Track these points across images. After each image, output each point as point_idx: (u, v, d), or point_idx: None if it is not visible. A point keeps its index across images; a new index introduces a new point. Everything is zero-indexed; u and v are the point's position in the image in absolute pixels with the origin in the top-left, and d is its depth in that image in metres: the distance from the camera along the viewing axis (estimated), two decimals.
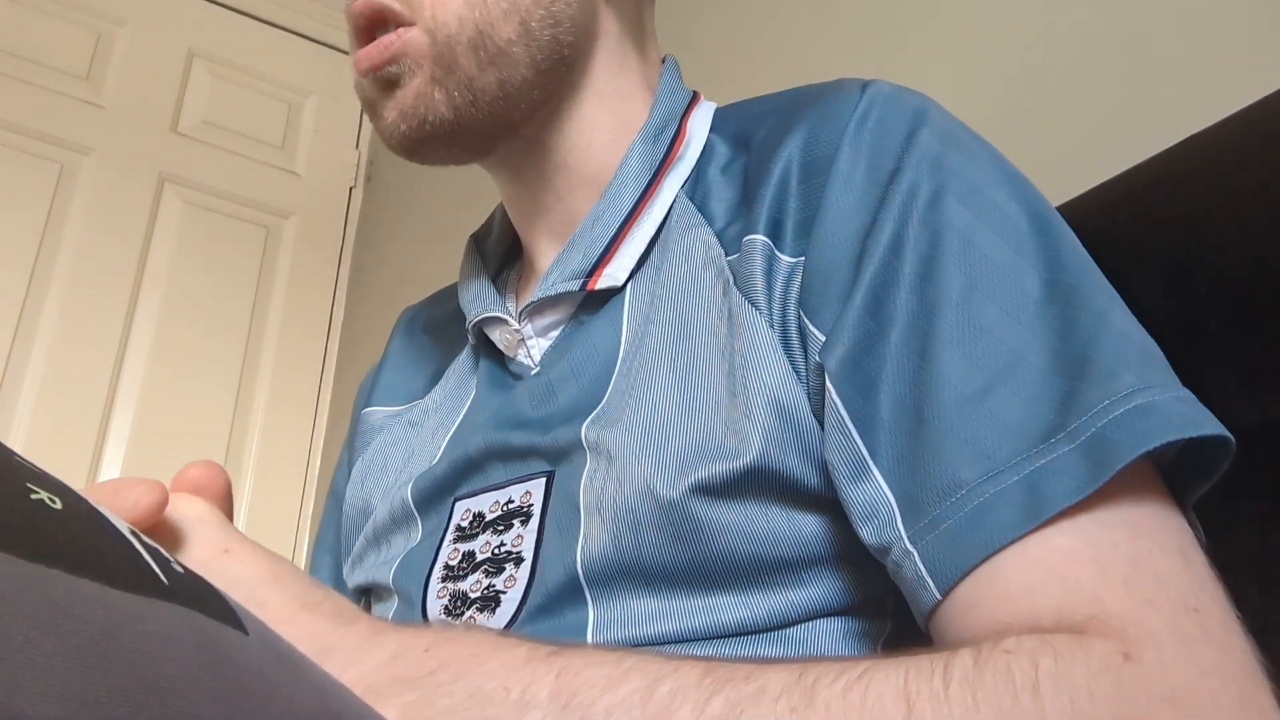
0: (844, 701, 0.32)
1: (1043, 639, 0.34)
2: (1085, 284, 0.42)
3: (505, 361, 0.60)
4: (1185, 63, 0.74)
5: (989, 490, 0.37)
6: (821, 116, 0.51)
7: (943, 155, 0.47)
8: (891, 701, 0.32)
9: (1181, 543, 0.37)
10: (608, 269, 0.55)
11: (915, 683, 0.33)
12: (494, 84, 0.54)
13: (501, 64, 0.54)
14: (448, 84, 0.53)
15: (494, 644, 0.37)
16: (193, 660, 0.21)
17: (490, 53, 0.53)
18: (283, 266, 2.06)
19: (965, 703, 0.32)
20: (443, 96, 0.54)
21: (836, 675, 0.34)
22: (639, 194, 0.56)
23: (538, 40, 0.55)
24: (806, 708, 0.33)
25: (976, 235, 0.44)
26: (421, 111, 0.54)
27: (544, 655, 0.36)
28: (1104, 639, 0.33)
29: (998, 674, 0.32)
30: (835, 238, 0.46)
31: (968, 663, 0.33)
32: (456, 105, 0.54)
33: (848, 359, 0.43)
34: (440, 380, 0.67)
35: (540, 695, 0.34)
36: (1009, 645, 0.33)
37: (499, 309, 0.59)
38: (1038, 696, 0.31)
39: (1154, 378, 0.38)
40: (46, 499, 0.21)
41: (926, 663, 0.34)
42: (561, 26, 0.56)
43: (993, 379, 0.40)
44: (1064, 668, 0.32)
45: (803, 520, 0.45)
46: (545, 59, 0.55)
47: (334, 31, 2.25)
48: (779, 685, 0.33)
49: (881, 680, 0.33)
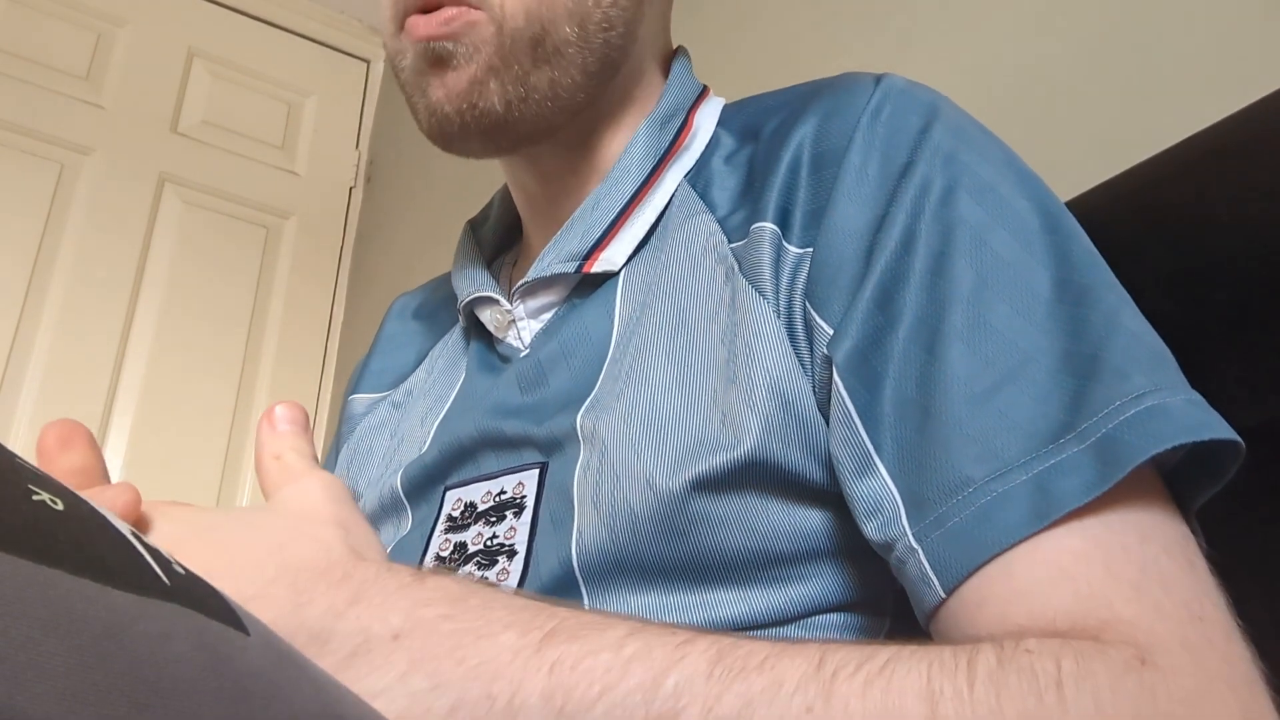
0: (864, 701, 0.31)
1: (1064, 641, 0.33)
2: (1096, 283, 0.42)
3: (494, 344, 0.60)
4: (1185, 63, 0.74)
5: (997, 489, 0.37)
6: (833, 108, 0.50)
7: (956, 151, 0.47)
8: (914, 700, 0.31)
9: (1186, 549, 0.37)
10: (605, 253, 0.55)
11: (939, 680, 0.32)
12: (546, 83, 0.53)
13: (556, 64, 0.53)
14: (504, 76, 0.52)
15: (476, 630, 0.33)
16: (194, 660, 0.21)
17: (548, 51, 0.53)
18: (283, 266, 2.05)
19: (989, 704, 0.31)
20: (496, 88, 0.52)
21: (856, 667, 0.32)
22: (641, 180, 0.56)
23: (591, 44, 0.54)
24: (825, 706, 0.31)
25: (988, 232, 0.43)
26: (473, 99, 0.52)
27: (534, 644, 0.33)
28: (1120, 645, 0.33)
29: (1022, 674, 0.32)
30: (845, 230, 0.46)
31: (991, 661, 0.32)
32: (509, 100, 0.52)
33: (855, 353, 0.43)
34: (426, 360, 0.66)
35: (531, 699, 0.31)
36: (1031, 645, 0.33)
37: (491, 289, 0.59)
38: (1062, 697, 0.31)
39: (1165, 379, 0.38)
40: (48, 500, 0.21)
41: (950, 658, 0.33)
42: (614, 31, 0.55)
43: (1002, 377, 0.39)
44: (1086, 669, 0.32)
45: (803, 514, 0.45)
46: (595, 62, 0.55)
47: (334, 31, 2.25)
48: (795, 678, 0.32)
49: (904, 675, 0.32)
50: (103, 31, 1.98)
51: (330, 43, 2.25)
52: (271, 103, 2.14)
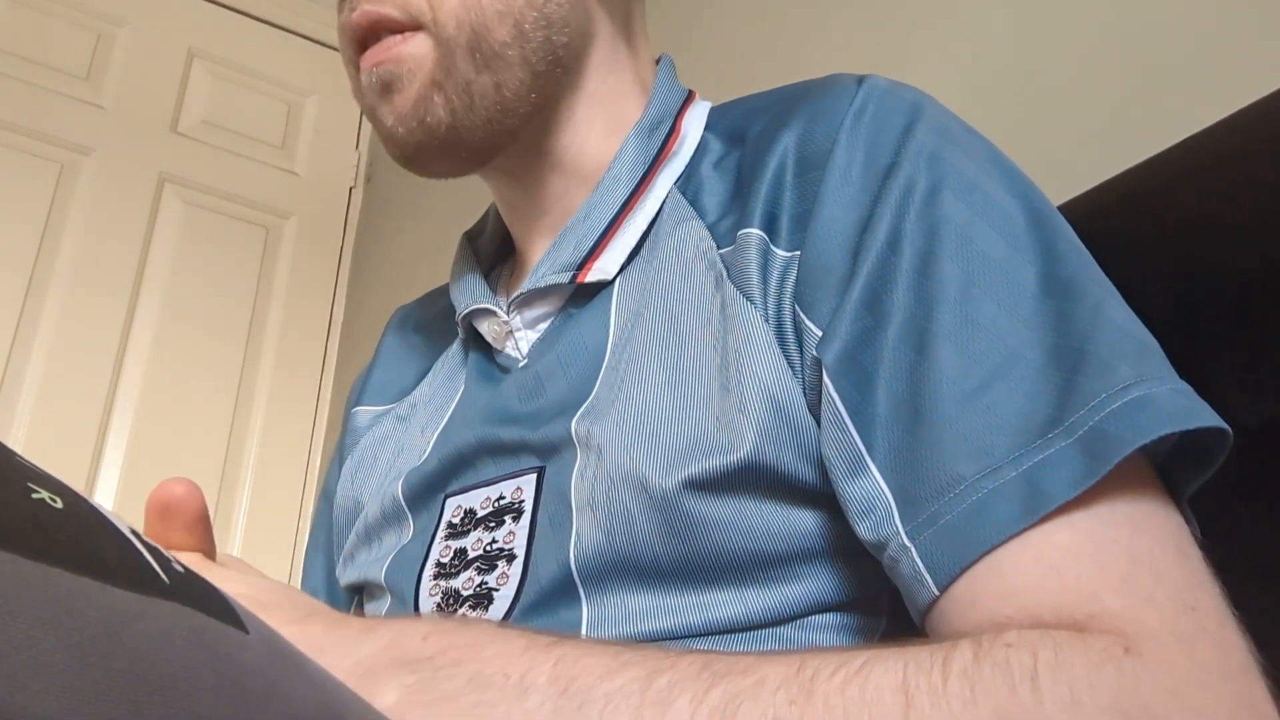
0: (843, 696, 0.33)
1: (1044, 633, 0.34)
2: (1082, 277, 0.42)
3: (493, 355, 0.60)
4: (1185, 63, 0.74)
5: (987, 485, 0.37)
6: (817, 111, 0.50)
7: (939, 150, 0.47)
8: (890, 695, 0.32)
9: (1179, 539, 0.37)
10: (598, 262, 0.55)
11: (914, 676, 0.33)
12: (490, 87, 0.54)
13: (497, 67, 0.54)
14: (447, 87, 0.54)
15: (491, 633, 0.38)
16: (193, 659, 0.21)
17: (486, 55, 0.54)
18: (283, 267, 2.05)
19: (963, 696, 0.32)
20: (441, 100, 0.54)
21: (835, 668, 0.34)
22: (631, 189, 0.56)
23: (531, 42, 0.55)
24: (805, 701, 0.33)
25: (973, 230, 0.44)
26: (420, 114, 0.54)
27: (543, 645, 0.37)
28: (1103, 635, 0.33)
29: (996, 667, 0.32)
30: (831, 232, 0.46)
31: (967, 656, 0.33)
32: (454, 109, 0.54)
33: (844, 354, 0.43)
34: (428, 375, 0.67)
35: (539, 680, 0.35)
36: (1010, 639, 0.33)
37: (488, 301, 0.59)
38: (1036, 688, 0.31)
39: (1150, 370, 0.38)
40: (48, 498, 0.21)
41: (926, 656, 0.34)
42: (554, 28, 0.56)
43: (990, 374, 0.40)
44: (1063, 659, 0.32)
45: (798, 515, 0.45)
46: (540, 60, 0.56)
47: (334, 31, 2.24)
48: (778, 678, 0.34)
49: (880, 673, 0.33)
50: (103, 31, 1.98)
51: (330, 43, 2.24)
52: (271, 103, 2.14)
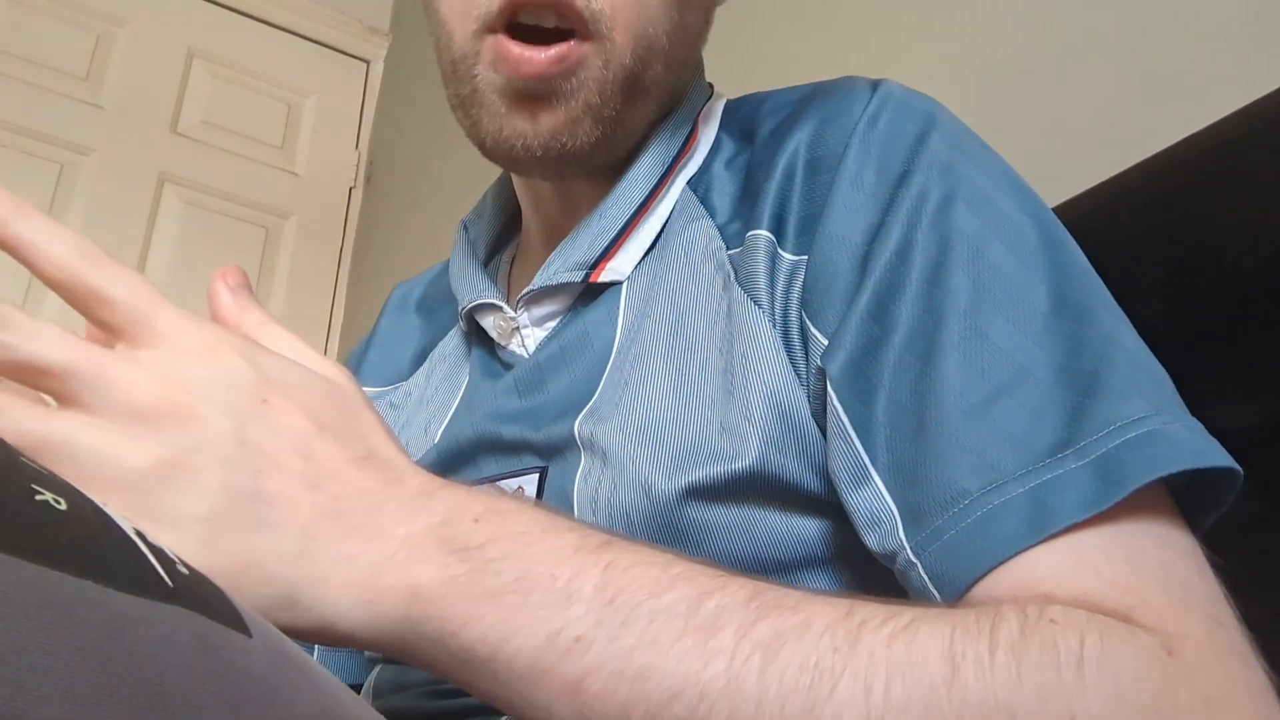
0: (888, 651, 0.32)
1: (1090, 616, 0.33)
2: (1093, 302, 0.42)
3: (496, 349, 0.59)
4: (1185, 63, 0.74)
5: (993, 500, 0.37)
6: (830, 113, 0.50)
7: (953, 161, 0.46)
8: (935, 659, 0.32)
9: (1200, 560, 0.37)
10: (612, 263, 0.54)
11: (961, 643, 0.32)
12: (629, 120, 0.52)
13: (642, 101, 0.52)
14: (599, 115, 0.50)
15: (544, 524, 0.36)
16: (195, 663, 0.21)
17: (640, 90, 0.51)
18: (282, 267, 2.05)
19: (1009, 672, 0.31)
20: (589, 128, 0.50)
21: (883, 620, 0.33)
22: (650, 189, 0.55)
23: (669, 83, 0.54)
24: (849, 650, 0.32)
25: (985, 244, 0.43)
26: (563, 139, 0.50)
27: (594, 546, 0.35)
28: (1148, 631, 0.33)
29: (1044, 647, 0.32)
30: (840, 238, 0.46)
31: (1014, 629, 0.32)
32: (598, 138, 0.51)
33: (850, 364, 0.43)
34: (425, 363, 0.65)
35: (586, 588, 0.33)
36: (1055, 615, 0.33)
37: (494, 296, 0.58)
38: (1081, 675, 0.31)
39: (1165, 404, 0.38)
40: (51, 500, 0.21)
41: (972, 621, 0.33)
42: (686, 69, 0.55)
43: (998, 389, 0.39)
44: (1110, 649, 0.32)
45: (801, 523, 0.45)
46: (669, 100, 0.55)
47: (334, 32, 2.25)
48: (824, 621, 0.33)
49: (928, 634, 0.32)
50: (103, 31, 1.98)
51: (330, 43, 2.24)
52: (271, 103, 2.14)
